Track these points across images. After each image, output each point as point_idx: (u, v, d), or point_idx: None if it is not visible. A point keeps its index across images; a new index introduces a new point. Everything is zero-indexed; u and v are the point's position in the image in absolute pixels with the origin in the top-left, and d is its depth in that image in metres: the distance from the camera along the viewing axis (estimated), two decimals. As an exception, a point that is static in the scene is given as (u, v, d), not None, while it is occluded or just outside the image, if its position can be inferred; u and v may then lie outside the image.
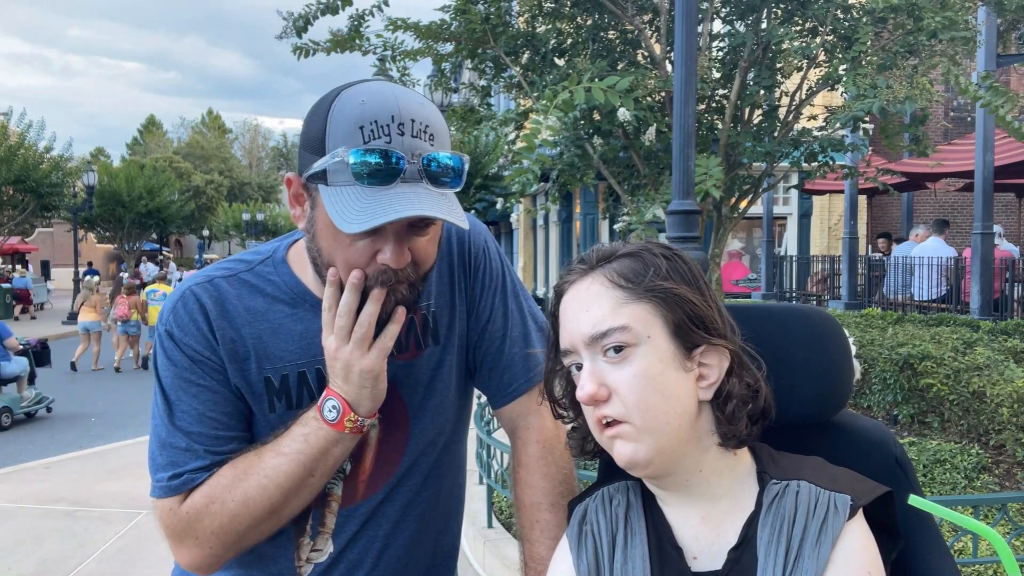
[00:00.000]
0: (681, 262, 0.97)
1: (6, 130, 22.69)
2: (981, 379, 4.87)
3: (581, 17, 6.01)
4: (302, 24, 5.69)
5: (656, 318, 0.93)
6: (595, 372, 0.93)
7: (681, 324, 0.93)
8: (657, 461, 0.93)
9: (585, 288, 0.96)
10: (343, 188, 1.04)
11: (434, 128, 1.08)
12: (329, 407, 1.12)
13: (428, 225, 1.10)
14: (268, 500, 1.12)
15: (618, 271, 0.95)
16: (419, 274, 1.13)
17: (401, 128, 1.04)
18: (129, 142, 66.51)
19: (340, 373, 1.11)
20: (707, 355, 0.94)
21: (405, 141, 1.04)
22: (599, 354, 0.93)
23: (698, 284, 0.96)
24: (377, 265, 1.08)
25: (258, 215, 48.23)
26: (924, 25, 4.93)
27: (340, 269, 1.10)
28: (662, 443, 0.92)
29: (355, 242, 1.07)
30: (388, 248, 1.07)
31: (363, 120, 1.03)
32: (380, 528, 1.24)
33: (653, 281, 0.93)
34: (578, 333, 0.94)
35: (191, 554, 1.15)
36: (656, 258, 0.96)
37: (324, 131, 1.05)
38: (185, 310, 1.17)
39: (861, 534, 0.89)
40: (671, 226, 4.49)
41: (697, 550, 0.96)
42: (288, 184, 1.16)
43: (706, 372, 0.94)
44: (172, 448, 1.15)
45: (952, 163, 10.66)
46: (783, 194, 15.60)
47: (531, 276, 20.77)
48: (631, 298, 0.93)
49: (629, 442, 0.92)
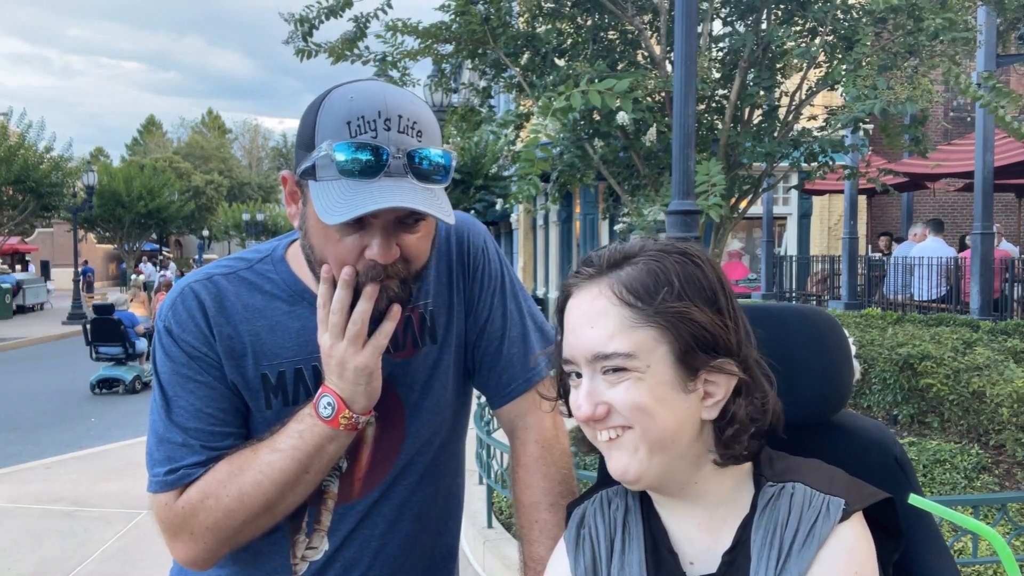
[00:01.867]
0: (701, 273, 0.92)
1: (6, 130, 22.69)
2: (981, 379, 4.86)
3: (581, 17, 6.01)
4: (307, 29, 5.69)
5: (662, 344, 0.89)
6: (593, 391, 0.91)
7: (688, 349, 0.89)
8: (648, 476, 0.92)
9: (591, 300, 0.92)
10: (330, 183, 1.05)
11: (423, 125, 1.08)
12: (324, 404, 1.12)
13: (417, 221, 1.10)
14: (263, 496, 1.12)
15: (627, 285, 0.90)
16: (410, 271, 1.13)
17: (388, 124, 1.05)
18: (129, 142, 66.58)
19: (335, 370, 1.12)
20: (714, 373, 0.91)
21: (391, 136, 1.05)
22: (598, 372, 0.91)
23: (716, 299, 0.91)
24: (366, 261, 1.09)
25: (258, 215, 48.20)
26: (924, 26, 4.93)
27: (332, 265, 1.11)
28: (659, 458, 0.91)
29: (343, 237, 1.08)
30: (375, 243, 1.07)
31: (350, 116, 1.05)
32: (376, 527, 1.24)
33: (664, 303, 0.89)
34: (580, 348, 0.92)
35: (186, 549, 1.15)
36: (670, 274, 0.90)
37: (314, 128, 1.07)
38: (184, 306, 1.18)
39: (852, 535, 0.88)
40: (671, 226, 4.48)
41: (693, 554, 0.95)
42: (284, 183, 1.17)
43: (712, 390, 0.92)
44: (169, 443, 1.15)
45: (952, 163, 10.66)
46: (783, 194, 15.60)
47: (531, 276, 20.77)
48: (638, 321, 0.89)
49: (623, 455, 0.91)
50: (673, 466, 0.92)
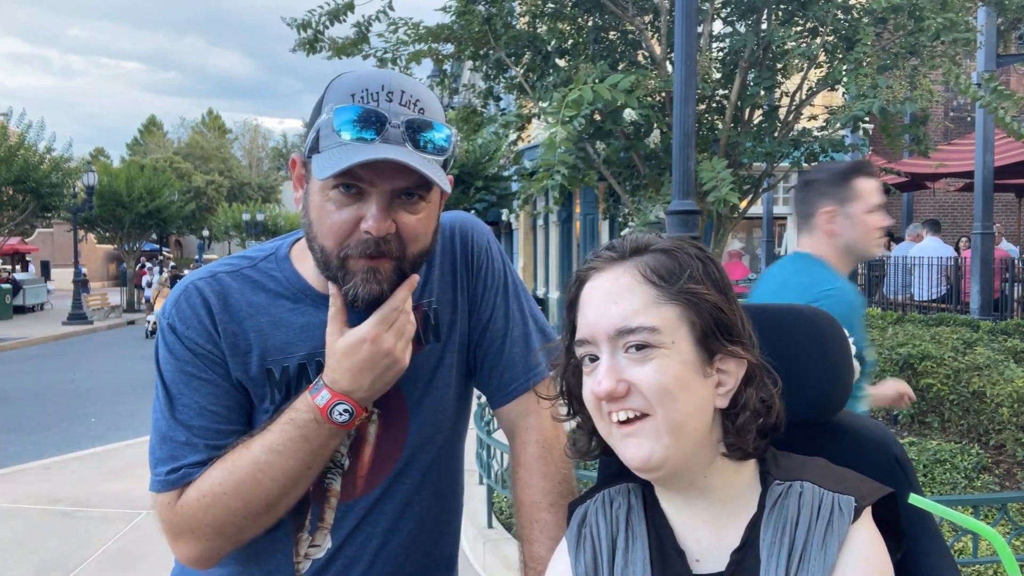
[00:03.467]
0: (714, 266, 0.95)
1: (6, 130, 22.67)
2: (981, 379, 4.87)
3: (582, 18, 6.01)
4: (311, 36, 5.71)
5: (684, 323, 0.91)
6: (614, 367, 0.91)
7: (707, 331, 0.91)
8: (670, 463, 0.91)
9: (615, 278, 0.93)
10: (330, 151, 1.06)
11: (425, 104, 1.10)
12: (340, 411, 1.12)
13: (417, 201, 1.11)
14: (265, 494, 1.12)
15: (652, 266, 0.92)
16: (406, 254, 1.12)
17: (390, 96, 1.07)
18: (129, 142, 66.52)
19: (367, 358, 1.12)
20: (725, 362, 0.93)
21: (393, 107, 1.07)
22: (620, 349, 0.91)
23: (727, 291, 0.95)
24: (359, 234, 1.09)
25: (258, 215, 48.15)
26: (925, 26, 4.92)
27: (326, 241, 1.11)
28: (679, 444, 0.90)
29: (340, 208, 1.08)
30: (369, 213, 1.07)
31: (355, 88, 1.07)
32: (378, 525, 1.24)
33: (687, 284, 0.91)
34: (603, 324, 0.92)
35: (189, 548, 1.15)
36: (691, 259, 0.93)
37: (321, 104, 1.09)
38: (188, 304, 1.18)
39: (868, 538, 0.89)
40: (671, 226, 4.48)
41: (699, 552, 0.95)
42: (292, 166, 1.18)
43: (724, 379, 0.93)
44: (172, 442, 1.15)
45: (952, 163, 10.66)
46: (783, 194, 15.58)
47: (531, 276, 20.76)
48: (663, 298, 0.91)
49: (646, 441, 0.90)
50: (690, 454, 0.92)
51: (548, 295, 18.16)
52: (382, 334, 1.11)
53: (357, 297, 1.12)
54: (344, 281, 1.12)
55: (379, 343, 1.11)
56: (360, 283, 1.11)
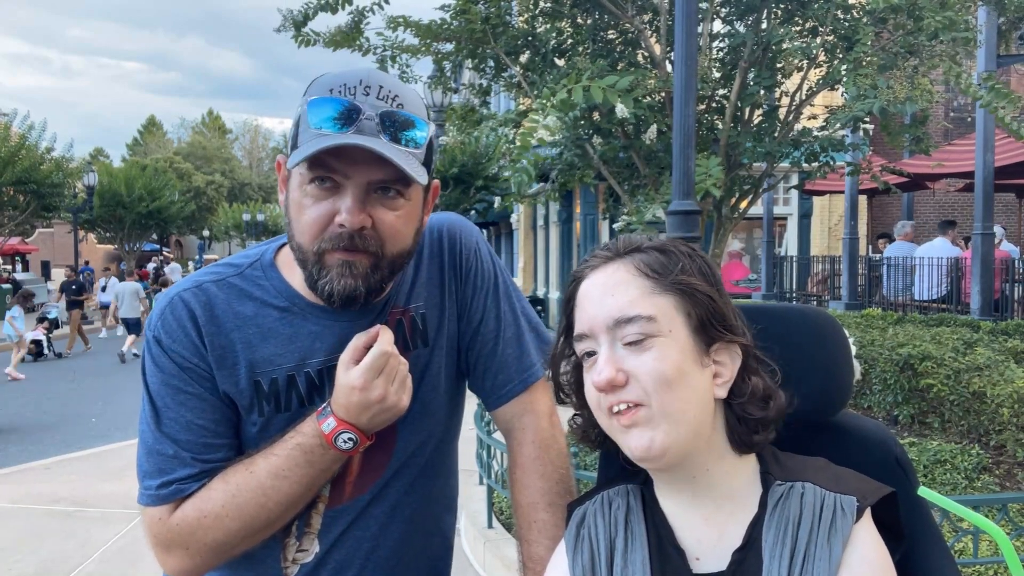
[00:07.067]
0: (704, 262, 0.99)
1: (8, 131, 22.67)
2: (981, 379, 4.86)
3: (581, 17, 6.01)
4: (301, 19, 5.69)
5: (679, 313, 0.94)
6: (613, 358, 0.92)
7: (702, 320, 0.94)
8: (672, 452, 0.92)
9: (611, 273, 0.97)
10: (307, 145, 1.05)
11: (404, 99, 1.09)
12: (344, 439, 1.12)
13: (395, 196, 1.10)
14: (266, 515, 1.13)
15: (645, 261, 0.96)
16: (385, 251, 1.11)
17: (367, 90, 1.07)
18: (129, 142, 66.61)
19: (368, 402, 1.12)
20: (721, 353, 0.95)
21: (369, 100, 1.06)
22: (618, 341, 0.93)
23: (718, 285, 0.98)
24: (334, 227, 1.08)
25: (258, 216, 48.20)
26: (925, 26, 4.92)
27: (303, 238, 1.10)
28: (679, 432, 0.91)
29: (315, 203, 1.08)
30: (343, 205, 1.06)
31: (333, 84, 1.07)
32: (368, 529, 1.24)
33: (680, 276, 0.95)
34: (601, 317, 0.94)
35: (180, 563, 1.14)
36: (683, 255, 0.97)
37: (304, 105, 1.09)
38: (174, 316, 1.16)
39: (870, 539, 0.89)
40: (671, 226, 4.48)
41: (699, 551, 0.95)
42: (278, 168, 1.17)
43: (721, 370, 0.95)
44: (159, 455, 1.14)
45: (952, 163, 10.65)
46: (783, 194, 15.58)
47: (531, 276, 20.75)
48: (658, 289, 0.94)
49: (646, 430, 0.91)
50: (692, 444, 0.93)
51: (548, 295, 18.15)
52: (371, 381, 1.10)
53: (332, 292, 1.10)
54: (320, 276, 1.10)
55: (368, 391, 1.10)
56: (335, 277, 1.10)
